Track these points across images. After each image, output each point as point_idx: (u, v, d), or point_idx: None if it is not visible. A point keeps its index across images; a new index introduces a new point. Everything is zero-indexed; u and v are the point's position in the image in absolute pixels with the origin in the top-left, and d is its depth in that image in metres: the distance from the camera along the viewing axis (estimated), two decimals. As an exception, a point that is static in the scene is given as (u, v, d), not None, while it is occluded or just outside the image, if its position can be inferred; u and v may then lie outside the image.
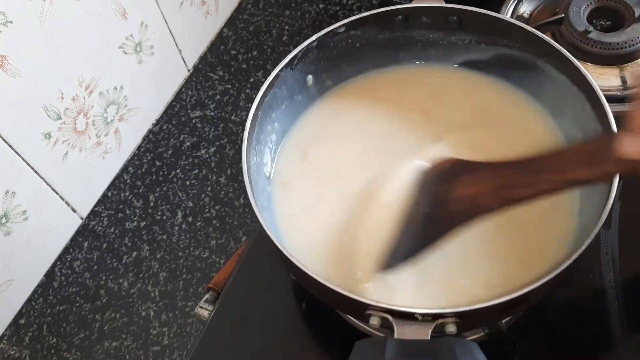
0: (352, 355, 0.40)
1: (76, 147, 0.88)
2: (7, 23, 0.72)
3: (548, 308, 0.54)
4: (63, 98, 0.83)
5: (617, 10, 0.66)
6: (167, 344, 0.85)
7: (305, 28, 1.09)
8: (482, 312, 0.41)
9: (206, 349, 0.57)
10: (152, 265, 0.91)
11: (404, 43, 0.59)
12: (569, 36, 0.66)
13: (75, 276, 0.91)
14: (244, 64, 1.07)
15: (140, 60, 0.94)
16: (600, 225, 0.43)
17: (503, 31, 0.56)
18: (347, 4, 1.11)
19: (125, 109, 0.95)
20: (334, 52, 0.58)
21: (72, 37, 0.81)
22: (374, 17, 0.57)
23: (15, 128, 0.78)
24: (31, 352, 0.86)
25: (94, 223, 0.95)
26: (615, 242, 0.56)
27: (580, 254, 0.42)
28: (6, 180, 0.79)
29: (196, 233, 0.92)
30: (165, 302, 0.87)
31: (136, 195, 0.97)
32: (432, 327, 0.41)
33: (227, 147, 1.00)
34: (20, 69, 0.75)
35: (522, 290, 0.41)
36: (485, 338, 0.53)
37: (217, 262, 0.90)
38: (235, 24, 1.12)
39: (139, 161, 1.00)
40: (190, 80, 1.07)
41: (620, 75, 0.65)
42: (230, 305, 0.59)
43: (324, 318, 0.56)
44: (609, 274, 0.55)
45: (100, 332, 0.86)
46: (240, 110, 1.03)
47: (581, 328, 0.54)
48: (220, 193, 0.95)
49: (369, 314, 0.42)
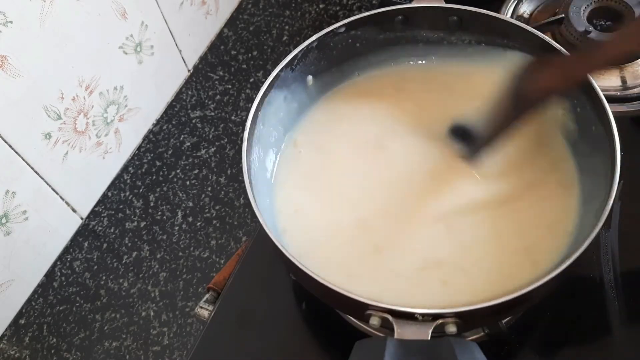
0: (352, 355, 0.40)
1: (76, 147, 0.88)
2: (7, 23, 0.72)
3: (548, 308, 0.54)
4: (63, 98, 0.83)
5: (617, 10, 0.66)
6: (167, 344, 0.85)
7: (305, 28, 1.09)
8: (482, 312, 0.41)
9: (206, 349, 0.56)
10: (152, 265, 0.91)
11: (404, 43, 0.60)
12: (569, 36, 0.66)
13: (75, 276, 0.91)
14: (244, 64, 1.07)
15: (140, 60, 0.94)
16: (600, 225, 0.43)
17: (503, 31, 0.56)
18: (347, 4, 1.11)
19: (125, 109, 0.95)
20: (334, 52, 0.58)
21: (72, 37, 0.81)
22: (374, 17, 0.57)
23: (15, 128, 0.78)
24: (31, 352, 0.86)
25: (94, 223, 0.95)
26: (615, 242, 0.56)
27: (580, 254, 0.42)
28: (6, 180, 0.79)
29: (196, 233, 0.92)
30: (165, 302, 0.88)
31: (136, 195, 0.97)
32: (432, 327, 0.41)
33: (227, 147, 1.00)
34: (20, 69, 0.75)
35: (522, 290, 0.41)
36: (485, 338, 0.53)
37: (217, 262, 0.90)
38: (235, 24, 1.12)
39: (139, 161, 1.00)
40: (190, 80, 1.07)
41: (620, 75, 0.65)
42: (230, 305, 0.59)
43: (324, 318, 0.56)
44: (609, 274, 0.54)
45: (100, 332, 0.86)
46: (240, 110, 1.03)
47: (581, 328, 0.54)
48: (220, 193, 0.95)
49: (369, 314, 0.42)
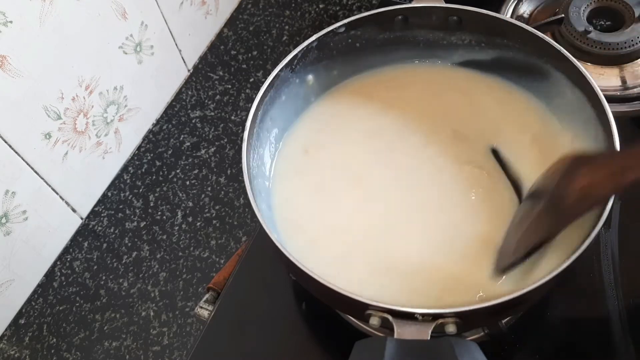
0: (352, 355, 0.40)
1: (76, 147, 0.88)
2: (7, 23, 0.72)
3: (548, 308, 0.54)
4: (63, 98, 0.83)
5: (617, 10, 0.66)
6: (167, 344, 0.85)
7: (305, 28, 1.09)
8: (482, 312, 0.41)
9: (206, 349, 0.56)
10: (152, 265, 0.91)
11: (404, 43, 0.59)
12: (569, 36, 0.66)
13: (75, 276, 0.91)
14: (244, 64, 1.07)
15: (140, 60, 0.94)
16: (600, 225, 0.43)
17: (503, 31, 0.56)
18: (347, 4, 1.11)
19: (125, 109, 0.95)
20: (334, 52, 0.58)
21: (72, 37, 0.81)
22: (374, 17, 0.56)
23: (15, 128, 0.78)
24: (31, 352, 0.86)
25: (94, 223, 0.95)
26: (615, 242, 0.56)
27: (580, 254, 0.42)
28: (6, 180, 0.79)
29: (196, 233, 0.92)
30: (165, 302, 0.88)
31: (136, 195, 0.97)
32: (432, 327, 0.41)
33: (227, 147, 1.00)
34: (20, 69, 0.75)
35: (522, 290, 0.41)
36: (485, 338, 0.53)
37: (217, 262, 0.90)
38: (235, 24, 1.12)
39: (139, 161, 1.00)
40: (190, 80, 1.07)
41: (620, 76, 0.65)
42: (230, 305, 0.59)
43: (324, 318, 0.56)
44: (609, 274, 0.54)
45: (100, 332, 0.86)
46: (240, 110, 1.03)
47: (581, 328, 0.53)
48: (220, 193, 0.95)
49: (369, 314, 0.42)
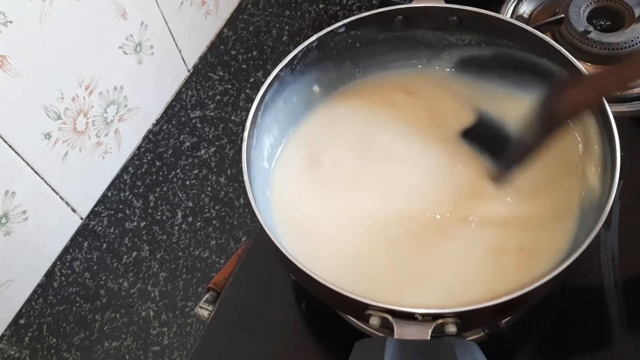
0: (352, 355, 0.40)
1: (76, 147, 0.88)
2: (7, 23, 0.72)
3: (548, 308, 0.54)
4: (63, 98, 0.83)
5: (617, 10, 0.66)
6: (167, 344, 0.85)
7: (305, 28, 1.09)
8: (482, 312, 0.41)
9: (206, 349, 0.56)
10: (152, 265, 0.91)
11: (404, 43, 0.59)
12: (568, 36, 0.66)
13: (75, 276, 0.91)
14: (244, 64, 1.07)
15: (140, 60, 0.94)
16: (600, 225, 0.43)
17: (503, 31, 0.56)
18: (347, 4, 1.11)
19: (125, 109, 0.95)
20: (334, 52, 0.58)
21: (72, 37, 0.81)
22: (374, 17, 0.56)
23: (15, 128, 0.78)
24: (31, 352, 0.86)
25: (94, 223, 0.95)
26: (615, 242, 0.56)
27: (580, 254, 0.42)
28: (6, 180, 0.79)
29: (196, 233, 0.92)
30: (165, 302, 0.88)
31: (136, 195, 0.97)
32: (432, 327, 0.41)
33: (227, 147, 1.00)
34: (20, 69, 0.75)
35: (522, 290, 0.41)
36: (485, 338, 0.53)
37: (217, 262, 0.90)
38: (235, 24, 1.12)
39: (139, 161, 1.00)
40: (190, 80, 1.07)
41: (620, 76, 0.65)
42: (230, 305, 0.59)
43: (324, 318, 0.56)
44: (609, 274, 0.54)
45: (100, 332, 0.86)
46: (240, 110, 1.03)
47: (581, 328, 0.53)
48: (220, 193, 0.95)
49: (369, 314, 0.42)
